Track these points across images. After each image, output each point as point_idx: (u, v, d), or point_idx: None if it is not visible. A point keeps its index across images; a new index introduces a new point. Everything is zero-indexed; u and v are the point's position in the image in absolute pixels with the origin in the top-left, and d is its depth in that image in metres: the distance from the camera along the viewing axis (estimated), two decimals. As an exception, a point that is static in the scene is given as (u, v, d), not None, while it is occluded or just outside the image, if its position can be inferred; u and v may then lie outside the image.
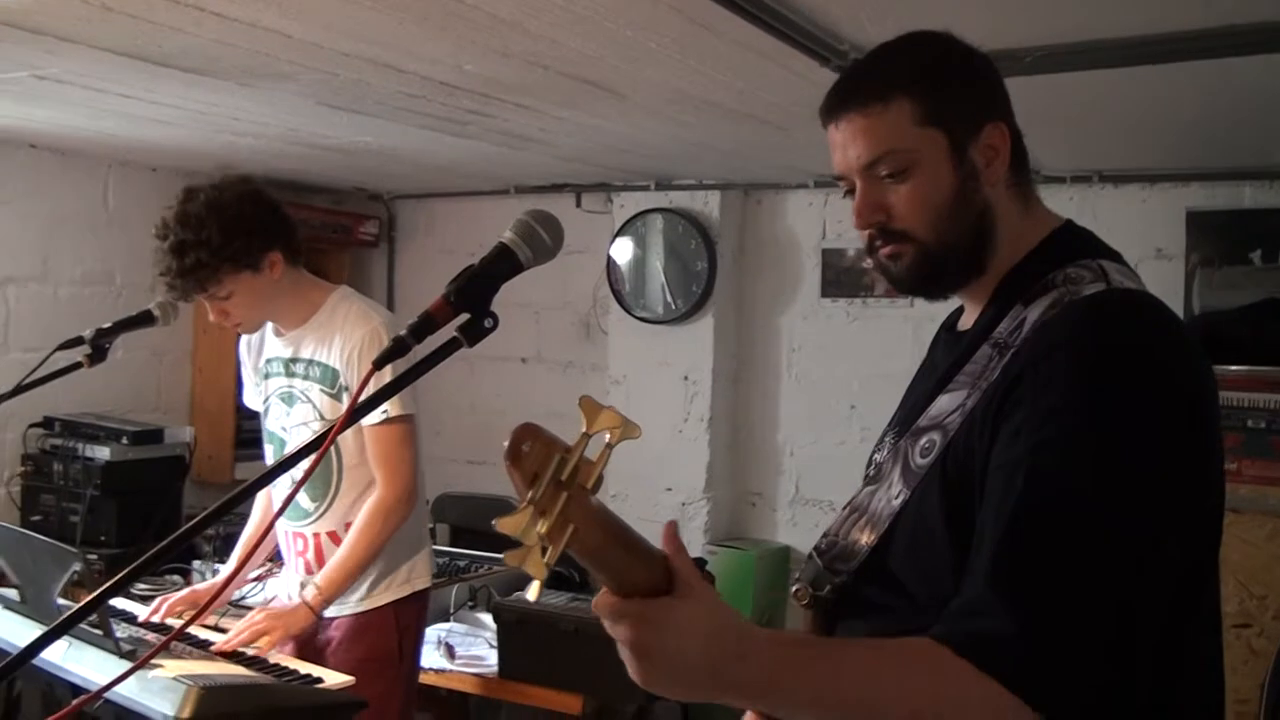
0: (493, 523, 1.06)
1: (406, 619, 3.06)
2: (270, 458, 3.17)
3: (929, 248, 1.44)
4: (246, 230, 2.82)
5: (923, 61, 1.46)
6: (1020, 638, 1.18)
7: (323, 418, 2.99)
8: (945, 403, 1.41)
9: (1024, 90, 1.72)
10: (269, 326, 3.08)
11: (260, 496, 3.27)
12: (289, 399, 3.05)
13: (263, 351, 3.13)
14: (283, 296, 2.96)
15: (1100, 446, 1.24)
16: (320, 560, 3.01)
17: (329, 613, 3.00)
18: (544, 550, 1.06)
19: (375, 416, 2.88)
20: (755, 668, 1.19)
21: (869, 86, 1.44)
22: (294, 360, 3.03)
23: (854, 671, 1.22)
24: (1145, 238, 4.30)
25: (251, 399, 3.23)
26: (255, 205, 2.89)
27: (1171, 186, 4.37)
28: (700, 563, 1.30)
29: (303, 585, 3.02)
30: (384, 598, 3.02)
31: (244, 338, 3.20)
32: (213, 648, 2.84)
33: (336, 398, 2.96)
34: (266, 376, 3.11)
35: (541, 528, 1.06)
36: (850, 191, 1.48)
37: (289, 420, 3.05)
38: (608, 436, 1.10)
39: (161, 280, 2.83)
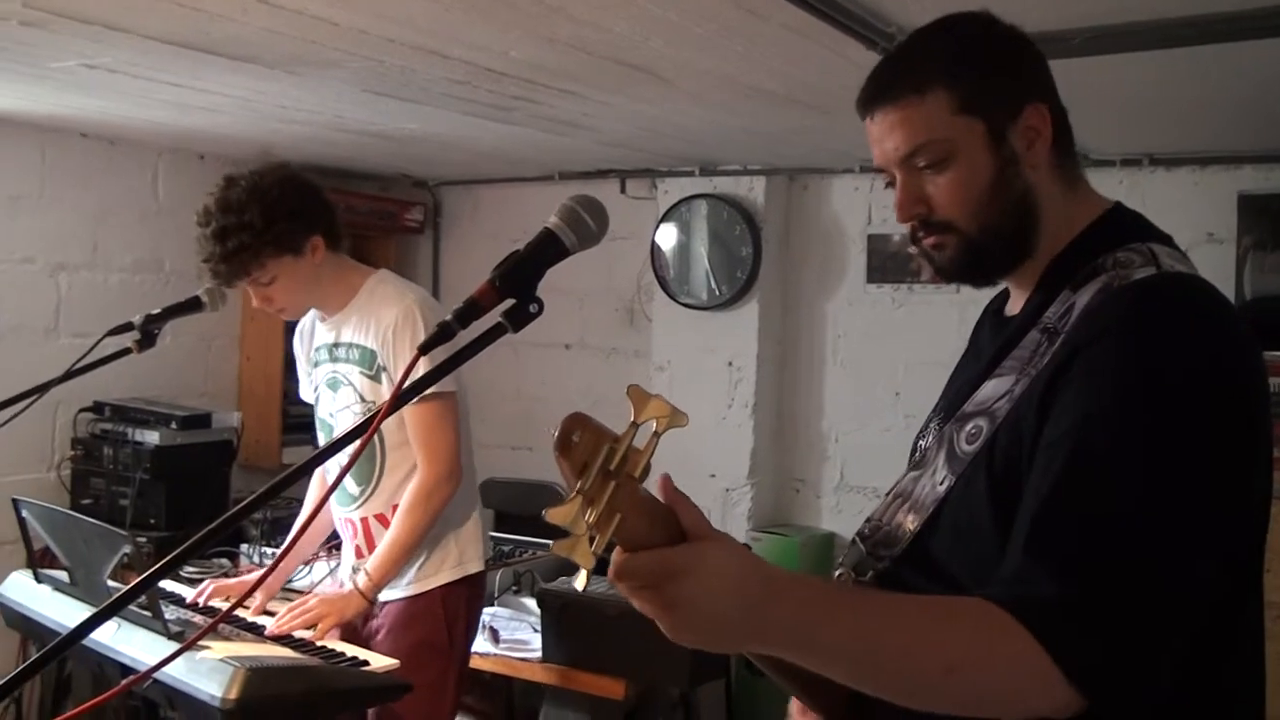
0: (543, 514, 1.06)
1: (456, 604, 3.04)
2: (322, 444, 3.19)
3: (972, 237, 1.43)
4: (288, 214, 2.85)
5: (957, 48, 1.45)
6: (1062, 603, 1.17)
7: (363, 400, 3.00)
8: (992, 388, 1.40)
9: (1072, 72, 1.70)
10: (315, 315, 3.11)
11: (315, 485, 3.30)
12: (334, 384, 3.07)
13: (313, 341, 3.16)
14: (324, 281, 2.98)
15: (1146, 428, 1.23)
16: (370, 544, 3.03)
17: (380, 597, 3.01)
18: (591, 540, 1.06)
19: None
20: (786, 608, 1.15)
21: (904, 78, 1.43)
22: (336, 345, 3.05)
23: (891, 617, 1.20)
24: (1196, 221, 4.24)
25: (305, 391, 3.25)
26: (296, 189, 2.92)
27: (1223, 169, 4.31)
28: (744, 548, 1.30)
29: (355, 570, 3.04)
30: (432, 581, 3.02)
31: (297, 330, 3.23)
32: (265, 631, 2.87)
33: (375, 379, 2.98)
34: (316, 365, 3.13)
35: (590, 517, 1.06)
36: (892, 183, 1.47)
37: (334, 405, 3.07)
38: (655, 425, 1.10)
39: (205, 267, 2.86)
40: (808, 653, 1.19)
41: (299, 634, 2.88)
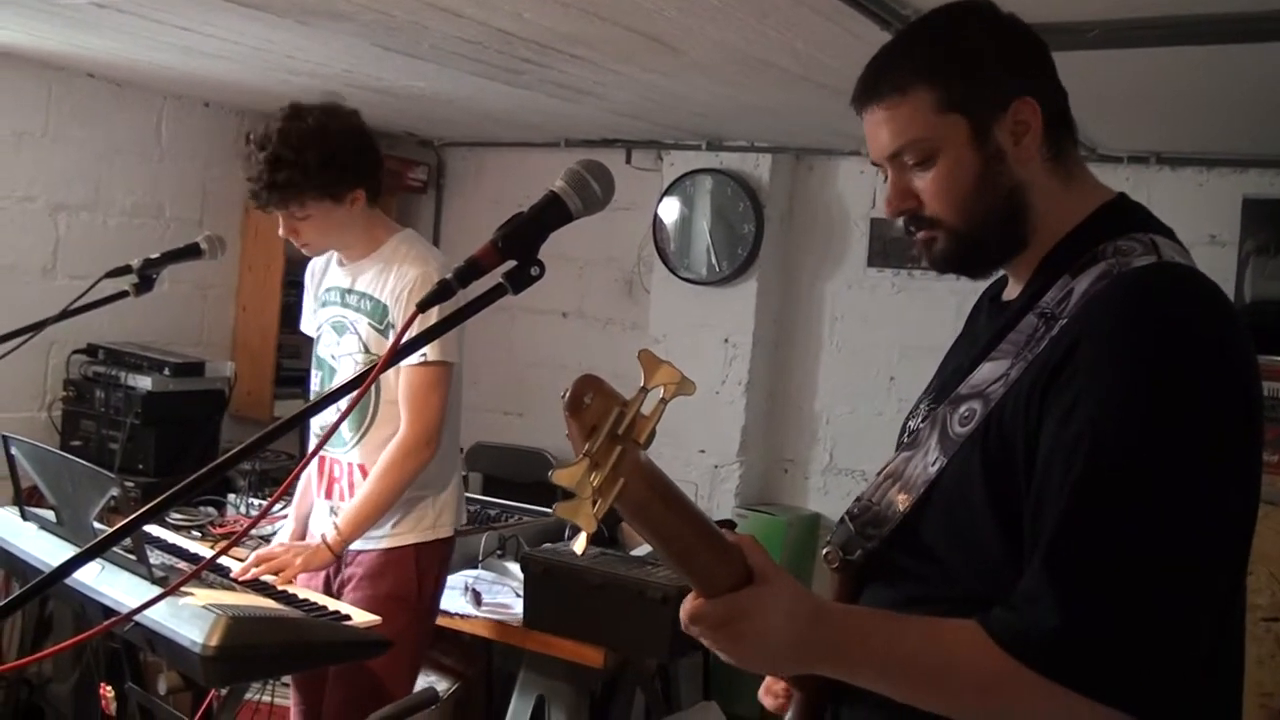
0: (549, 475, 1.07)
1: (427, 562, 3.10)
2: (316, 383, 3.23)
3: (960, 232, 1.44)
4: (342, 164, 2.91)
5: (942, 46, 1.45)
6: (1062, 631, 1.21)
7: (367, 350, 3.05)
8: (987, 371, 1.40)
9: (1086, 65, 1.70)
10: (334, 256, 3.16)
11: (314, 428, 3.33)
12: (340, 328, 3.11)
13: (324, 280, 3.22)
14: (353, 229, 3.04)
15: (1158, 430, 1.24)
16: (351, 489, 3.06)
17: (354, 547, 3.05)
18: (594, 503, 1.07)
19: (413, 358, 2.92)
20: (828, 636, 1.31)
21: (888, 78, 1.45)
22: (349, 291, 3.10)
23: (907, 647, 1.31)
24: (1200, 223, 4.23)
25: (307, 324, 3.31)
26: (356, 141, 2.97)
27: (1229, 172, 4.31)
28: (729, 524, 1.32)
29: (332, 510, 3.07)
30: (407, 539, 3.07)
31: (310, 265, 3.28)
32: (231, 575, 2.90)
33: (383, 333, 3.03)
34: (324, 304, 3.19)
35: (595, 480, 1.06)
36: (888, 177, 1.49)
37: (338, 349, 3.12)
38: (663, 392, 1.10)
39: (248, 184, 2.91)
40: (855, 676, 1.34)
41: (269, 580, 2.92)
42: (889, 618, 1.36)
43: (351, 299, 3.09)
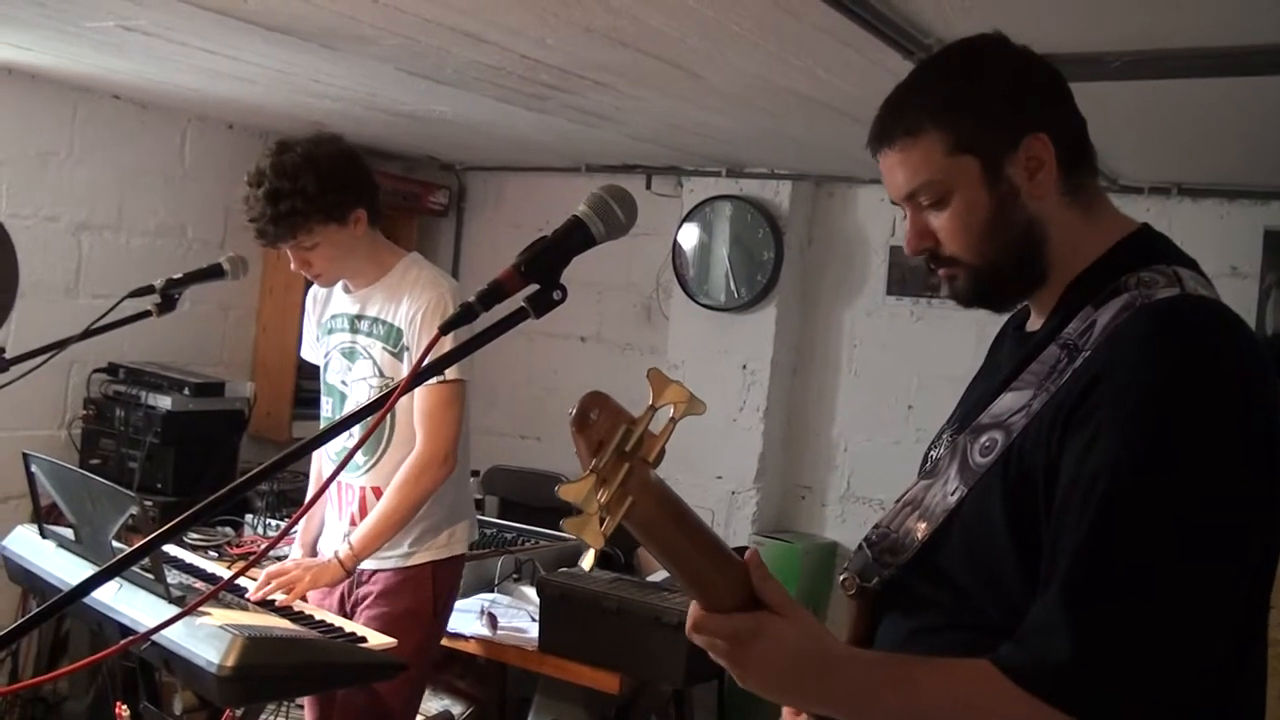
0: (556, 489, 1.06)
1: (443, 579, 3.13)
2: (328, 410, 3.24)
3: (978, 270, 1.46)
4: (339, 184, 2.94)
5: (951, 87, 1.45)
6: (1076, 664, 1.20)
7: (381, 374, 3.07)
8: (1009, 402, 1.40)
9: (1108, 96, 1.70)
10: (339, 284, 3.16)
11: (318, 456, 3.33)
12: (350, 354, 3.12)
13: (328, 308, 3.23)
14: (360, 254, 3.06)
15: (1178, 465, 1.23)
16: (364, 514, 3.07)
17: (371, 566, 3.06)
18: (602, 520, 1.07)
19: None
20: (835, 685, 1.31)
21: (899, 122, 1.46)
22: (360, 317, 3.11)
23: (922, 697, 1.29)
24: (1221, 254, 4.22)
25: (310, 352, 3.33)
26: (348, 162, 3.01)
27: (1250, 204, 4.29)
28: (740, 551, 1.32)
29: (345, 536, 3.08)
30: (423, 557, 3.09)
31: (311, 292, 3.30)
32: (246, 596, 2.90)
33: (397, 356, 3.04)
34: (330, 332, 3.19)
35: (602, 497, 1.06)
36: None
37: (350, 375, 3.13)
38: (672, 411, 1.10)
39: (252, 226, 2.93)
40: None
41: (277, 599, 2.92)
42: (899, 665, 1.35)
43: (363, 325, 3.10)
